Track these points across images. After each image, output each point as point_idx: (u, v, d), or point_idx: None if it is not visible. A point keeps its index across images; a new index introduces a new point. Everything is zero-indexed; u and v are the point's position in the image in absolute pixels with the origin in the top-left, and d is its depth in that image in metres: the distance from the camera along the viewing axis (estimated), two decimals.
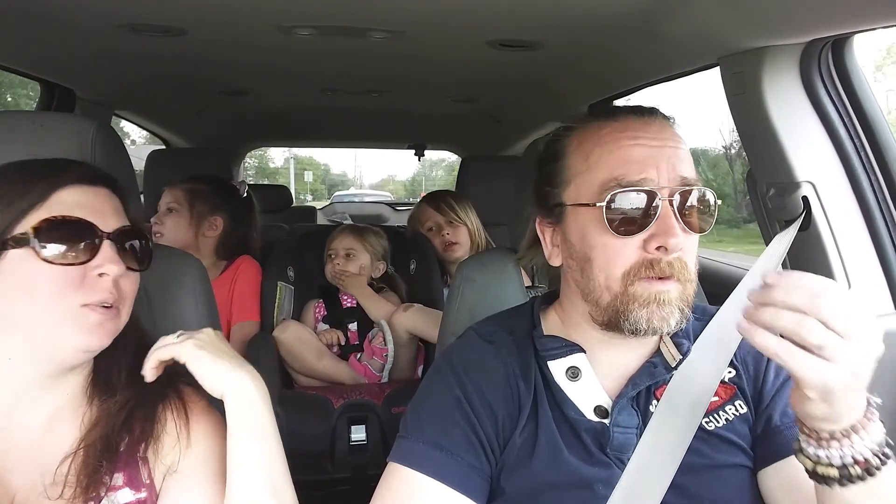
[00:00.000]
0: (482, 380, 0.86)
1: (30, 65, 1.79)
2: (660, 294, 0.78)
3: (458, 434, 0.82)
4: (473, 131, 3.40)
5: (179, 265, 1.12)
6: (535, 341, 0.90)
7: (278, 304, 2.08)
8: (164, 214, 2.03)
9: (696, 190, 0.81)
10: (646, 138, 0.81)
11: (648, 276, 0.78)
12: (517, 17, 1.43)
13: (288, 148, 32.78)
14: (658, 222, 0.78)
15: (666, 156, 0.81)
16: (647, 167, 0.80)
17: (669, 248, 0.78)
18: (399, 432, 0.87)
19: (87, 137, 1.02)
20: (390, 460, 0.84)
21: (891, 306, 1.24)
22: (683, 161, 0.82)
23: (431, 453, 0.81)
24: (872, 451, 0.67)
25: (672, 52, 1.44)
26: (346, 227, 2.26)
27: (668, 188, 0.79)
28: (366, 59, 1.90)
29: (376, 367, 2.04)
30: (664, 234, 0.78)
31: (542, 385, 0.87)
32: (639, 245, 0.79)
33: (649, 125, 0.83)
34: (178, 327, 1.08)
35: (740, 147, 14.03)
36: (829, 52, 1.21)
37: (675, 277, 0.79)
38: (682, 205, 0.80)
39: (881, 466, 0.67)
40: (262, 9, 1.43)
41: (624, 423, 0.84)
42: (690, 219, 0.81)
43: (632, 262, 0.79)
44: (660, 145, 0.81)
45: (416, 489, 0.80)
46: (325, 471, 1.86)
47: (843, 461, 0.67)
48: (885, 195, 1.23)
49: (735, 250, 7.72)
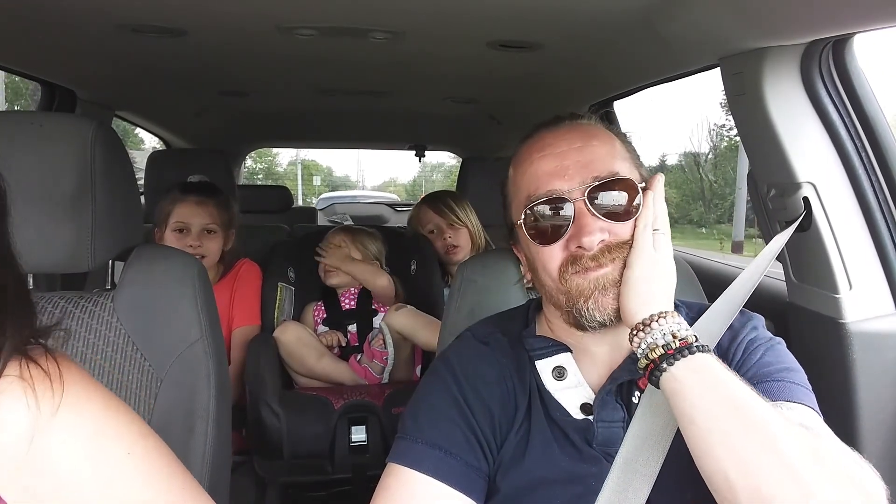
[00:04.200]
0: (478, 380, 0.88)
1: (30, 65, 1.79)
2: (597, 280, 0.83)
3: (456, 434, 0.83)
4: (474, 132, 3.40)
5: (180, 266, 1.12)
6: (524, 341, 0.93)
7: (279, 305, 2.08)
8: (202, 236, 1.94)
9: (611, 181, 0.84)
10: (552, 146, 0.88)
11: (577, 271, 0.83)
12: (517, 18, 1.43)
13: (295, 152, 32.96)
14: (574, 225, 0.84)
15: (572, 159, 0.86)
16: (553, 177, 0.86)
17: (586, 247, 0.82)
18: (398, 433, 0.87)
19: (87, 138, 1.02)
20: (389, 461, 0.85)
21: (891, 306, 1.24)
22: (593, 160, 0.86)
23: (431, 453, 0.82)
24: (684, 328, 0.77)
25: (672, 53, 1.43)
26: (340, 228, 2.26)
27: (579, 189, 0.84)
28: (366, 59, 1.90)
29: (376, 370, 2.04)
30: (578, 234, 0.83)
31: (534, 384, 0.89)
32: (563, 247, 0.85)
33: (557, 131, 0.90)
34: (179, 329, 1.08)
35: (709, 152, 14.51)
36: (830, 53, 1.21)
37: (605, 264, 0.83)
38: (605, 196, 0.84)
39: (701, 345, 0.75)
40: (262, 9, 1.43)
41: (608, 418, 0.85)
42: (614, 209, 0.84)
43: (558, 263, 0.85)
44: (564, 150, 0.87)
45: (415, 488, 0.81)
46: (325, 471, 1.86)
47: (665, 339, 0.75)
48: (885, 196, 1.23)
49: None
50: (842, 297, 1.22)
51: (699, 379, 0.73)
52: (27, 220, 0.94)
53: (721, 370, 0.74)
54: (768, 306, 1.35)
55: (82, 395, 0.69)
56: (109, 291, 1.10)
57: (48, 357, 0.69)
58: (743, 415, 0.70)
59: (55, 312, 1.06)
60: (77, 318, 1.06)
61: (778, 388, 0.82)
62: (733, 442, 0.68)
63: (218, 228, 1.99)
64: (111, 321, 1.06)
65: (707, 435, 0.70)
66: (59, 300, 1.08)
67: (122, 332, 1.06)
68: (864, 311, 1.22)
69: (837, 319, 1.22)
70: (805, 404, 0.81)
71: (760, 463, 0.67)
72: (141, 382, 1.05)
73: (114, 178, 1.05)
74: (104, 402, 0.71)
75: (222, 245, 2.01)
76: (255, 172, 32.29)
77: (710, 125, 30.67)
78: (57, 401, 0.67)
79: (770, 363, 0.86)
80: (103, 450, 0.68)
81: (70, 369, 0.70)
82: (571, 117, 0.93)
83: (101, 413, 0.69)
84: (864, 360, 1.20)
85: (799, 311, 1.33)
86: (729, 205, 19.00)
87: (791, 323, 1.37)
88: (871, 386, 1.19)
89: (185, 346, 1.07)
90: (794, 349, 1.34)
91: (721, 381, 0.73)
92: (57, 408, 0.66)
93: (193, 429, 1.05)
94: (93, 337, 1.05)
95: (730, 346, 0.89)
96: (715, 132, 22.46)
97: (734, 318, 0.91)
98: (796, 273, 1.33)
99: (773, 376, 0.84)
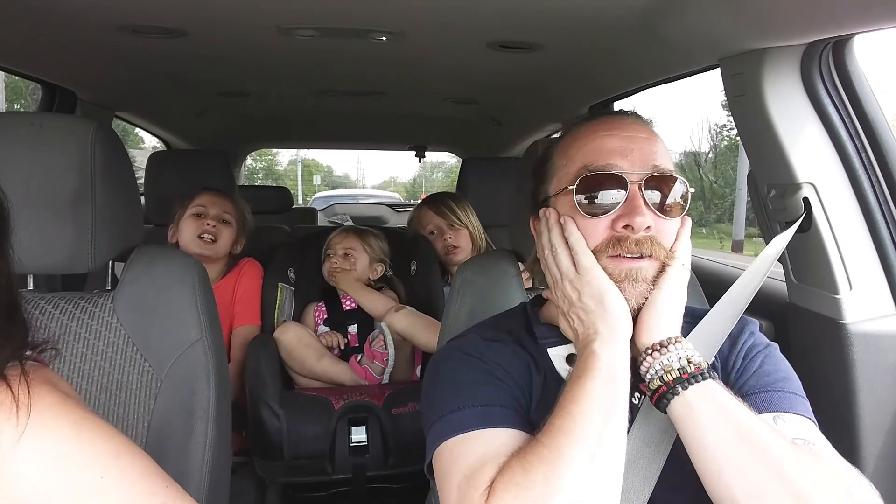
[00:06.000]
0: (500, 359, 0.88)
1: (31, 66, 1.79)
2: (632, 271, 0.82)
3: (503, 393, 0.84)
4: (474, 133, 3.40)
5: (180, 267, 1.12)
6: (535, 331, 0.93)
7: (279, 306, 2.08)
8: (218, 222, 2.04)
9: (670, 177, 0.84)
10: (619, 130, 0.87)
11: (616, 254, 0.82)
12: (517, 19, 1.43)
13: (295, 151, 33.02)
14: (625, 204, 0.82)
15: (638, 146, 0.85)
16: (616, 155, 0.85)
17: (635, 227, 0.81)
18: (431, 417, 0.84)
19: (87, 138, 1.02)
20: (445, 438, 0.80)
21: (891, 307, 1.24)
22: (657, 152, 0.86)
23: (489, 411, 0.80)
24: (698, 354, 0.78)
25: (672, 54, 1.44)
26: (347, 228, 2.26)
27: (638, 174, 0.83)
28: (366, 60, 1.90)
29: (377, 371, 2.04)
30: (630, 213, 0.82)
31: (547, 372, 0.89)
32: (608, 225, 0.83)
33: (623, 121, 0.89)
34: (179, 329, 1.08)
35: (709, 151, 14.37)
36: (830, 54, 1.21)
37: (647, 256, 0.82)
38: (655, 191, 0.84)
39: (711, 373, 0.77)
40: (262, 10, 1.43)
41: None
42: (664, 204, 0.84)
43: (600, 240, 0.83)
44: (632, 136, 0.86)
45: (489, 440, 0.77)
46: (325, 472, 1.86)
47: (681, 363, 0.77)
48: (885, 196, 1.23)
49: None
50: (842, 298, 1.22)
51: (711, 406, 0.75)
52: (27, 221, 0.94)
53: (727, 397, 0.76)
54: (768, 307, 1.35)
55: (49, 421, 0.67)
56: (109, 292, 1.10)
57: (21, 380, 0.67)
58: (750, 442, 0.72)
59: (55, 313, 1.06)
60: (77, 318, 1.06)
61: (778, 398, 0.84)
62: (743, 469, 0.72)
63: (233, 221, 2.09)
64: (111, 322, 1.06)
65: (717, 461, 0.73)
66: (59, 300, 1.08)
67: (122, 332, 1.06)
68: (864, 312, 1.22)
69: (837, 320, 1.22)
70: (803, 415, 0.83)
71: (768, 489, 0.71)
72: (141, 383, 1.05)
73: (114, 179, 1.06)
74: (74, 426, 0.68)
75: (233, 239, 2.09)
76: (254, 171, 32.29)
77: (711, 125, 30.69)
78: (21, 429, 0.65)
79: (769, 372, 0.87)
80: (73, 478, 0.66)
81: (40, 393, 0.68)
82: (636, 115, 0.92)
83: (71, 438, 0.68)
84: (864, 360, 1.20)
85: (799, 311, 1.33)
86: (729, 204, 19.04)
87: (791, 323, 1.37)
88: (871, 386, 1.19)
89: (185, 346, 1.07)
90: (794, 349, 1.35)
91: (729, 409, 0.75)
92: (20, 436, 0.65)
93: (193, 429, 1.05)
94: (92, 337, 1.05)
95: (730, 352, 0.90)
96: (715, 132, 22.53)
97: None
98: (796, 273, 1.33)
99: (773, 386, 0.85)
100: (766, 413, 0.81)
